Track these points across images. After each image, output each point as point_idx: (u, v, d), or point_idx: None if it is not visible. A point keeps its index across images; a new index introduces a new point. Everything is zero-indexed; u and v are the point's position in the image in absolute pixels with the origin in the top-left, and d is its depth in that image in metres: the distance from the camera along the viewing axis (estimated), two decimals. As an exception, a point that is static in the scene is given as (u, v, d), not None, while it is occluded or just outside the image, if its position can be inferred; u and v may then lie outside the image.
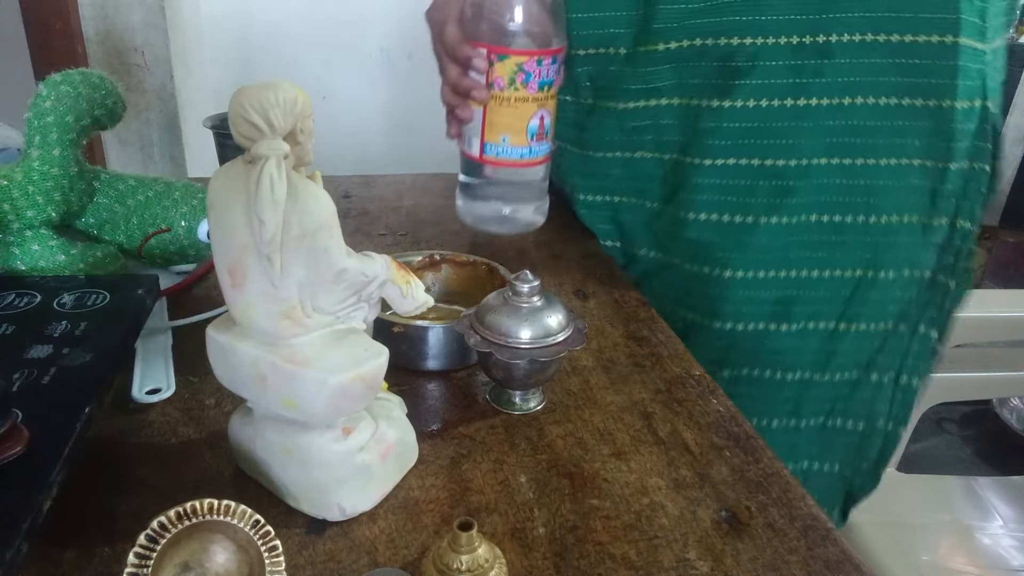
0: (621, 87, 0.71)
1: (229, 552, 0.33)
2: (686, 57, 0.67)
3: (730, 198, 0.67)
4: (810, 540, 0.42)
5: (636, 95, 0.71)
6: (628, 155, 0.74)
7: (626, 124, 0.72)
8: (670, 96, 0.69)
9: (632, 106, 0.71)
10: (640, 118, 0.71)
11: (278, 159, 0.34)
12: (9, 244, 0.57)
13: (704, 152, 0.67)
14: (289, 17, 1.92)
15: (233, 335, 0.39)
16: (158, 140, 1.75)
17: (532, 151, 0.68)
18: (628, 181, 0.75)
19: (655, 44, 0.68)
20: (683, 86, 0.68)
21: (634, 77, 0.70)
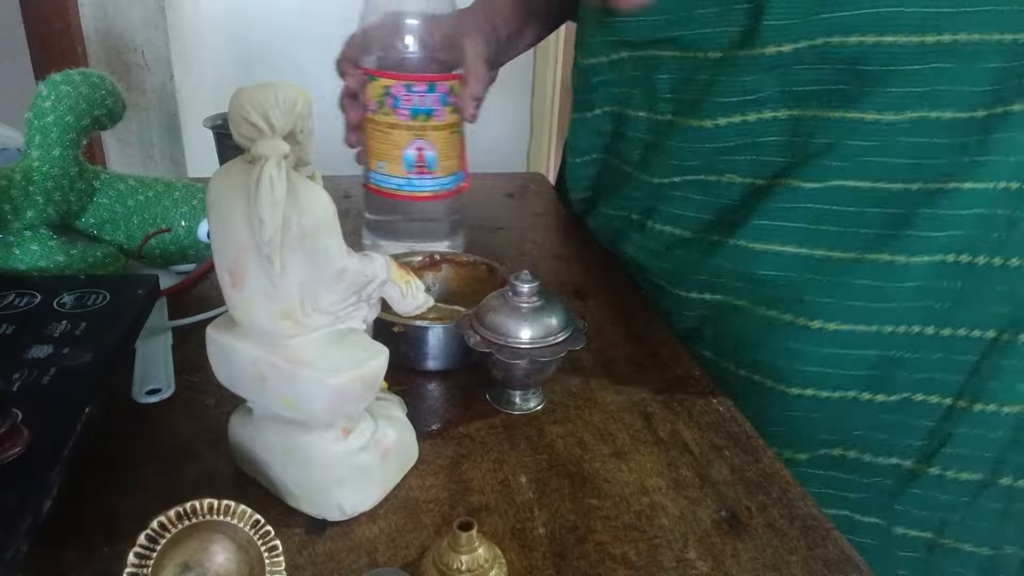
0: (711, 100, 0.58)
1: (229, 552, 0.33)
2: (799, 60, 0.53)
3: (830, 228, 0.54)
4: (810, 540, 0.42)
5: (730, 109, 0.57)
6: (711, 179, 0.60)
7: (712, 143, 0.59)
8: (775, 108, 0.55)
9: (724, 122, 0.58)
10: (732, 136, 0.58)
11: (278, 159, 0.34)
12: (9, 244, 0.57)
13: (814, 174, 0.54)
14: (289, 17, 1.92)
15: (233, 335, 0.39)
16: (158, 140, 1.75)
17: (412, 184, 0.63)
18: (699, 211, 0.62)
19: (762, 47, 0.54)
20: (792, 95, 0.55)
21: (729, 87, 0.57)
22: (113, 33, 1.64)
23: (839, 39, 0.51)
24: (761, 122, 0.56)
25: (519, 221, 0.88)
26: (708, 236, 0.61)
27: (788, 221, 0.55)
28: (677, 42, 0.60)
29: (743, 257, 0.58)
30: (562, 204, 0.93)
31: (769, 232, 0.56)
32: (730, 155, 0.58)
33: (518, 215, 0.90)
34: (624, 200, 0.71)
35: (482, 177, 1.04)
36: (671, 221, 0.64)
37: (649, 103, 0.64)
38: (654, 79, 0.63)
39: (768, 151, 0.57)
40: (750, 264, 0.57)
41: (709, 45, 0.57)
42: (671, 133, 0.62)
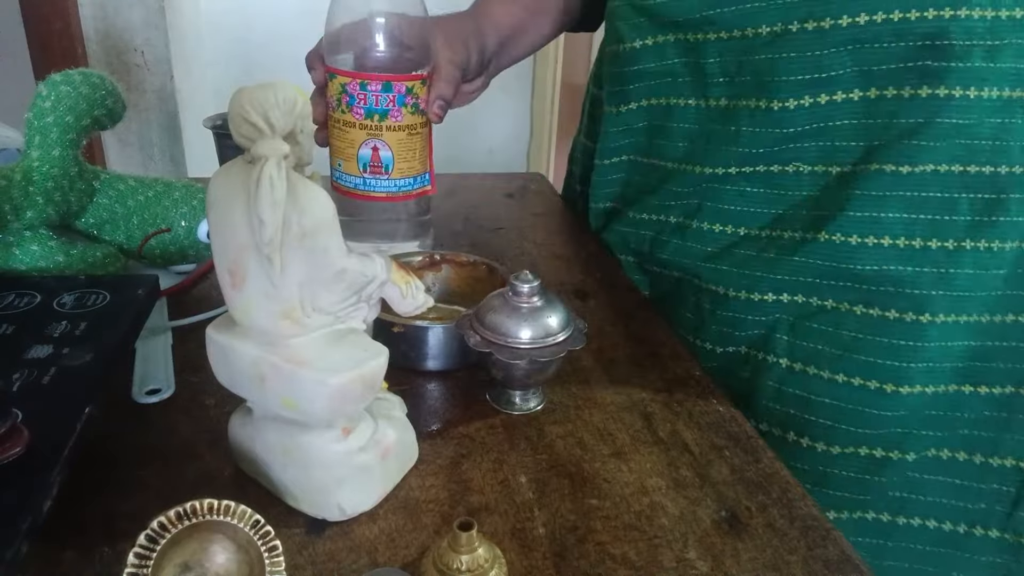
0: (777, 79, 0.54)
1: (229, 552, 0.33)
2: (876, 37, 0.50)
3: (924, 215, 0.52)
4: (810, 540, 0.42)
5: (799, 89, 0.53)
6: (775, 169, 0.56)
7: (779, 128, 0.55)
8: (848, 88, 0.52)
9: (793, 104, 0.54)
10: (801, 120, 0.54)
11: (278, 159, 0.34)
12: (9, 244, 0.57)
13: (901, 156, 0.51)
14: (289, 16, 1.92)
15: (233, 335, 0.39)
16: (158, 140, 1.75)
17: (367, 183, 0.61)
18: (762, 205, 0.58)
19: (831, 17, 0.51)
20: (868, 74, 0.51)
21: (798, 65, 0.53)
22: (113, 33, 1.64)
23: (917, 13, 0.49)
24: (832, 104, 0.53)
25: (519, 221, 0.88)
26: (782, 232, 0.57)
27: (884, 211, 0.52)
28: (718, 22, 0.57)
29: (837, 253, 0.54)
30: (569, 211, 0.93)
31: (866, 223, 0.53)
32: (798, 141, 0.55)
33: (518, 215, 0.90)
34: (661, 202, 0.66)
35: (482, 177, 1.04)
36: (726, 219, 0.60)
37: (699, 90, 0.60)
38: (702, 64, 0.59)
39: (841, 135, 0.54)
40: (845, 260, 0.54)
41: (758, 22, 0.54)
42: (728, 119, 0.58)
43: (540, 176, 1.07)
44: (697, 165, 0.61)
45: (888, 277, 0.53)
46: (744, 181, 0.58)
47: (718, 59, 0.58)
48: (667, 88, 0.64)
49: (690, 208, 0.63)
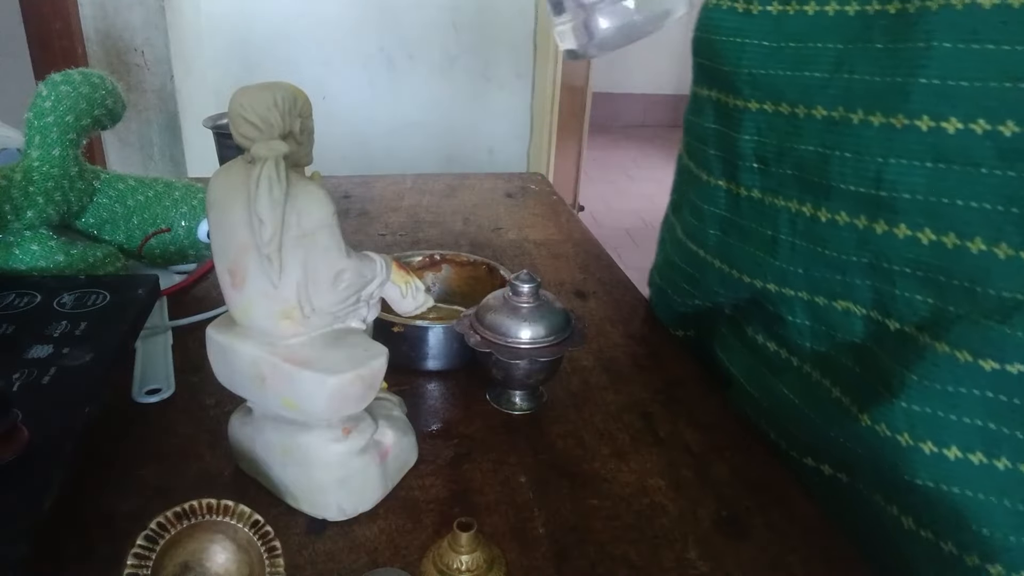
0: (823, 182, 0.41)
1: (229, 552, 0.33)
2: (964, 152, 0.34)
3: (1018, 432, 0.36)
4: (810, 540, 0.41)
5: (850, 202, 0.40)
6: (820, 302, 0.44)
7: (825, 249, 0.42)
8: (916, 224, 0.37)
9: (843, 220, 0.41)
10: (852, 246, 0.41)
11: (277, 159, 0.34)
12: (9, 244, 0.57)
13: (986, 343, 0.35)
14: (289, 17, 1.92)
15: (233, 335, 0.39)
16: (158, 140, 1.75)
17: None
18: (808, 339, 0.45)
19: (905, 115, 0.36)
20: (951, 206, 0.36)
21: (848, 168, 0.39)
22: (113, 33, 1.64)
23: (1015, 127, 0.32)
24: (891, 237, 0.38)
25: (519, 221, 0.88)
26: (830, 387, 0.44)
27: (955, 412, 0.37)
28: (762, 86, 0.43)
29: (883, 447, 0.40)
30: (568, 211, 0.93)
31: (924, 423, 0.38)
32: (847, 273, 0.41)
33: (518, 215, 0.90)
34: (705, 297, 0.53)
35: (482, 177, 1.04)
36: (779, 340, 0.47)
37: (729, 170, 0.48)
38: (735, 139, 0.46)
39: (903, 282, 0.38)
40: (891, 459, 0.39)
41: (814, 98, 0.40)
42: (762, 218, 0.46)
43: (540, 176, 1.07)
44: (734, 268, 0.49)
45: (951, 503, 0.37)
46: (784, 305, 0.46)
47: (755, 137, 0.45)
48: (700, 156, 0.51)
49: (737, 312, 0.52)
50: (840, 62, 0.39)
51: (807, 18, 0.41)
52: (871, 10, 0.38)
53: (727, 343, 0.55)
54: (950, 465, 0.37)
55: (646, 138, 4.29)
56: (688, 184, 0.54)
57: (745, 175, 0.47)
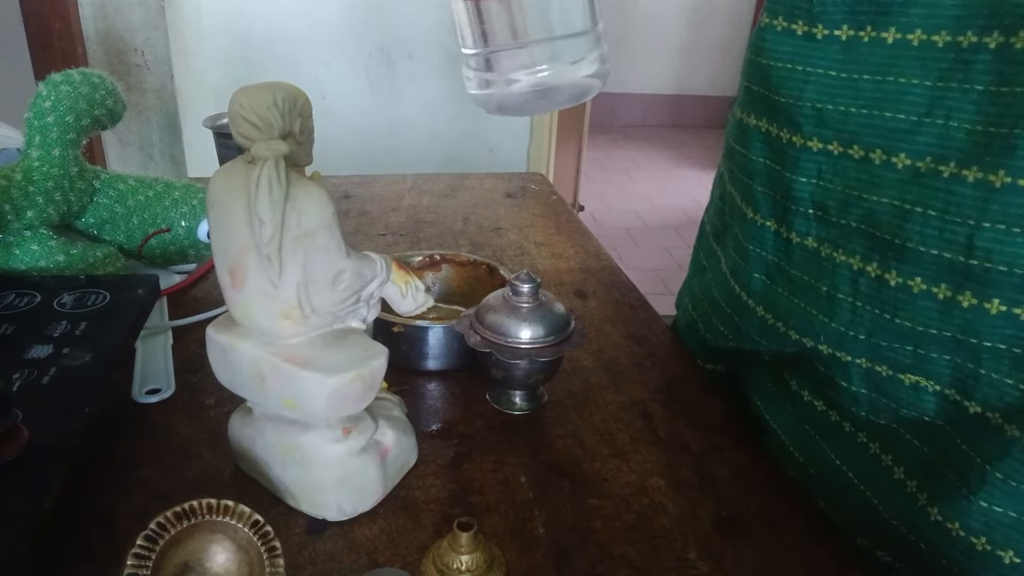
0: (900, 242, 0.36)
1: (229, 552, 0.33)
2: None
3: None
4: (810, 540, 0.41)
5: (932, 269, 0.35)
6: (883, 372, 0.38)
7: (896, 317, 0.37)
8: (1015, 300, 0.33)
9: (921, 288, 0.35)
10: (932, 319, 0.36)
11: (277, 159, 0.34)
12: (9, 244, 0.57)
13: None
14: (289, 17, 1.92)
15: (233, 335, 0.39)
16: (158, 140, 1.75)
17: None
18: (866, 409, 0.41)
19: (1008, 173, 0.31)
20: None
21: (932, 229, 0.34)
22: (113, 33, 1.64)
23: None
24: (981, 312, 0.33)
25: (519, 221, 0.88)
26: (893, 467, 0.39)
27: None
28: (830, 123, 0.38)
29: (951, 548, 0.35)
30: (568, 212, 0.93)
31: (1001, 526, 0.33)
32: (922, 345, 0.37)
33: (518, 215, 0.90)
34: (742, 342, 0.49)
35: (482, 177, 1.04)
36: (829, 401, 0.44)
37: (779, 212, 0.43)
38: (789, 180, 0.41)
39: (989, 361, 0.34)
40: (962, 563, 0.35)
41: (897, 145, 0.35)
42: (817, 271, 0.41)
43: (540, 176, 1.07)
44: (780, 320, 0.44)
45: None
46: (839, 369, 0.40)
47: (815, 180, 0.39)
48: (746, 190, 0.46)
49: (779, 361, 0.46)
50: (932, 104, 0.34)
51: (886, 47, 0.35)
52: (965, 42, 0.33)
53: (765, 391, 0.49)
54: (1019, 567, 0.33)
55: (646, 138, 4.29)
56: (733, 216, 0.48)
57: (799, 221, 0.41)
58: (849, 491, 0.42)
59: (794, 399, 0.46)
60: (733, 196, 0.48)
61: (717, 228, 0.54)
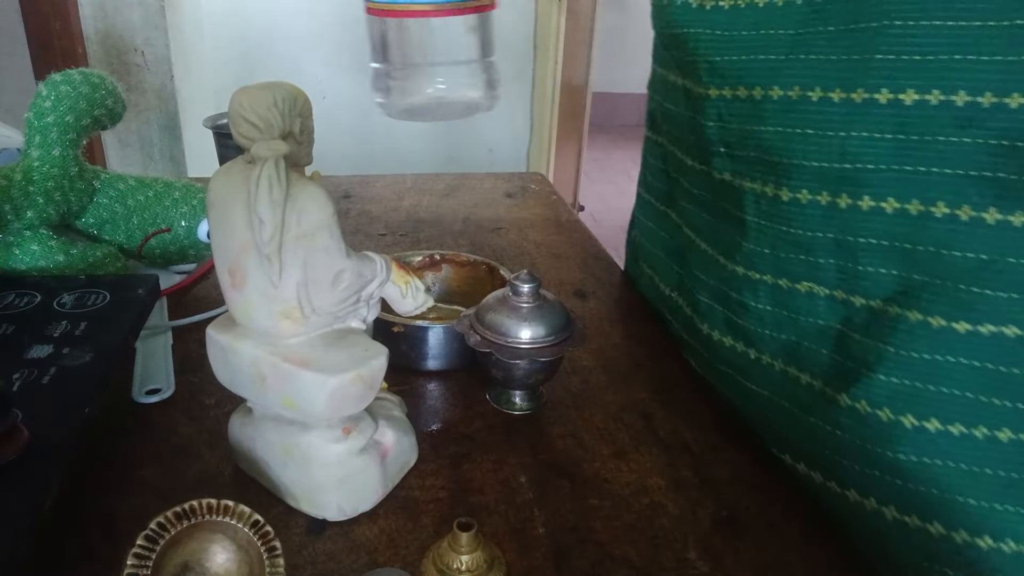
0: (784, 161, 0.41)
1: (229, 552, 0.33)
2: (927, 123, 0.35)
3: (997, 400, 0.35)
4: (810, 540, 0.41)
5: (812, 179, 0.40)
6: (783, 284, 0.43)
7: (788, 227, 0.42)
8: (880, 194, 0.37)
9: (805, 199, 0.40)
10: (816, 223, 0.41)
11: (277, 159, 0.34)
12: (9, 244, 0.57)
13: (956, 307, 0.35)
14: (289, 17, 1.92)
15: (233, 335, 0.39)
16: (158, 140, 1.75)
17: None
18: (771, 328, 0.45)
19: (865, 89, 0.36)
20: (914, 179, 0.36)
21: (811, 146, 0.39)
22: (113, 33, 1.64)
23: (993, 98, 0.33)
24: (856, 210, 0.38)
25: (519, 221, 0.88)
26: (797, 374, 0.44)
27: (934, 382, 0.36)
28: (721, 72, 0.44)
29: (862, 428, 0.39)
30: (568, 212, 0.93)
31: (903, 396, 0.37)
32: (811, 253, 0.41)
33: (518, 215, 0.90)
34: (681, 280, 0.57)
35: (482, 177, 1.04)
36: (737, 333, 0.48)
37: (702, 154, 0.48)
38: (702, 125, 0.47)
39: (868, 257, 0.38)
40: (871, 440, 0.38)
41: (770, 80, 0.41)
42: (735, 199, 0.46)
43: (540, 176, 1.07)
44: (715, 250, 0.49)
45: (934, 478, 0.36)
46: (749, 290, 0.45)
47: (717, 123, 0.46)
48: (683, 144, 0.53)
49: (696, 311, 0.52)
50: (795, 44, 0.40)
51: (758, 9, 0.42)
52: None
53: (688, 346, 0.57)
54: (931, 437, 0.36)
55: (646, 138, 4.29)
56: (678, 172, 0.55)
57: (716, 159, 0.47)
58: (768, 410, 0.47)
59: (707, 344, 0.52)
60: (674, 153, 0.56)
61: (660, 190, 0.61)
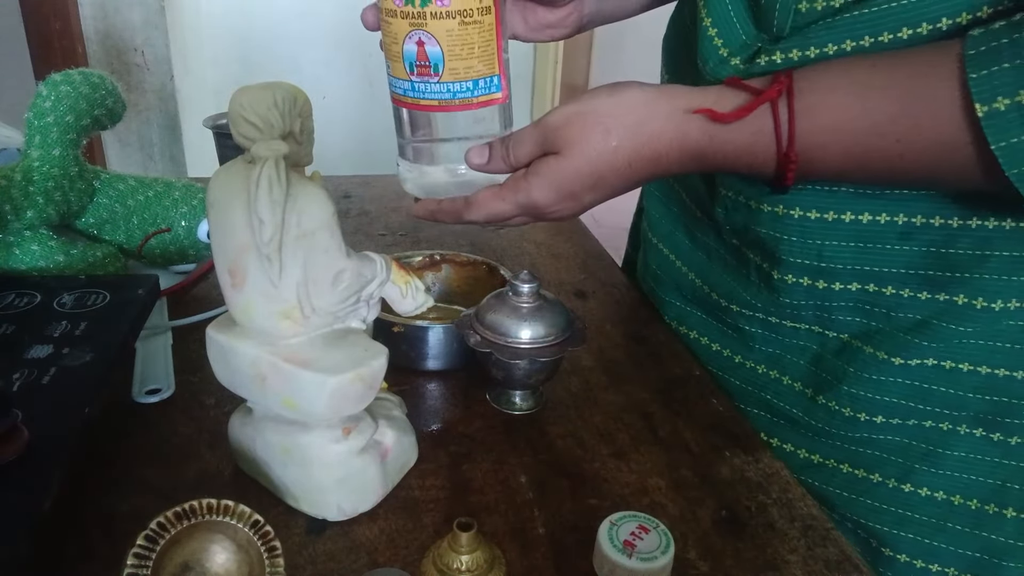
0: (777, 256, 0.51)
1: (229, 552, 0.33)
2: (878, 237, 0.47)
3: (924, 406, 0.49)
4: (810, 540, 0.42)
5: (797, 269, 0.50)
6: (773, 320, 0.54)
7: (780, 296, 0.52)
8: (847, 281, 0.49)
9: (791, 280, 0.51)
10: (801, 294, 0.51)
11: (277, 159, 0.34)
12: (9, 244, 0.57)
13: (897, 347, 0.48)
14: (289, 17, 1.92)
15: (233, 335, 0.39)
16: (158, 140, 1.75)
17: (416, 88, 0.49)
18: (762, 344, 0.55)
19: (835, 211, 0.48)
20: (871, 273, 0.48)
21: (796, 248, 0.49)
22: (113, 33, 1.64)
23: (923, 219, 0.45)
24: (830, 291, 0.49)
25: (519, 221, 0.88)
26: (780, 375, 0.55)
27: (882, 393, 0.49)
28: (725, 183, 0.53)
29: (831, 419, 0.51)
30: None
31: (860, 401, 0.50)
32: (797, 309, 0.52)
33: (518, 215, 0.90)
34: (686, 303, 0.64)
35: (482, 177, 1.04)
36: (735, 347, 0.58)
37: (713, 224, 0.57)
38: (711, 209, 0.56)
39: (839, 312, 0.50)
40: (839, 426, 0.51)
41: (761, 198, 0.49)
42: (740, 260, 0.55)
43: (540, 176, 1.07)
44: (714, 290, 0.58)
45: (878, 446, 0.51)
46: (744, 320, 0.56)
47: (725, 212, 0.54)
48: (694, 195, 0.60)
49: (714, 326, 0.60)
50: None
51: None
52: None
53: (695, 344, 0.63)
54: (877, 425, 0.50)
55: (646, 138, 4.29)
56: (684, 213, 0.63)
57: (725, 232, 0.56)
58: (758, 403, 0.56)
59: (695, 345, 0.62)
60: (683, 199, 0.63)
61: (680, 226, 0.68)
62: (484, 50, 0.49)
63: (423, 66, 0.48)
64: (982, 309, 0.45)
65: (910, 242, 0.46)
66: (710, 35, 0.48)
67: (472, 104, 0.50)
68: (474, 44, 0.48)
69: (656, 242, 0.66)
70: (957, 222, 0.44)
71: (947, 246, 0.45)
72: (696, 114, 0.43)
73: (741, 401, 0.57)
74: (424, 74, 0.49)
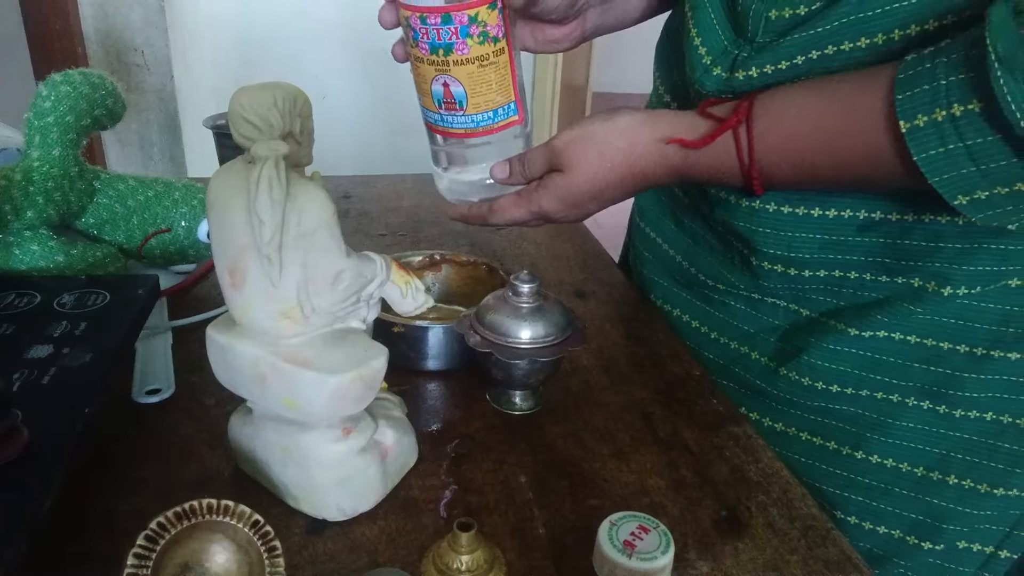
0: (753, 246, 0.55)
1: (229, 552, 0.33)
2: (840, 229, 0.52)
3: (875, 376, 0.54)
4: (810, 540, 0.42)
5: (772, 259, 0.55)
6: (755, 296, 0.59)
7: (758, 279, 0.57)
8: (815, 268, 0.54)
9: (767, 267, 0.55)
10: (776, 279, 0.56)
11: (277, 159, 0.34)
12: (9, 244, 0.57)
13: (855, 320, 0.53)
14: (289, 17, 1.92)
15: (233, 335, 0.39)
16: (158, 140, 1.75)
17: (444, 119, 0.57)
18: (742, 320, 0.60)
19: (804, 207, 0.52)
20: (836, 261, 0.53)
21: (770, 240, 0.54)
22: (113, 33, 1.64)
23: (881, 215, 0.50)
24: (801, 277, 0.54)
25: (519, 221, 0.88)
26: (749, 352, 0.59)
27: (838, 363, 0.54)
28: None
29: (793, 389, 0.56)
30: None
31: (818, 371, 0.54)
32: (774, 294, 0.57)
33: (518, 215, 0.90)
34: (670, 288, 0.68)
35: (482, 177, 1.04)
36: (722, 328, 0.62)
37: (700, 212, 0.62)
38: (699, 204, 0.61)
39: (810, 293, 0.55)
40: (800, 395, 0.56)
41: (739, 194, 0.54)
42: (725, 245, 0.60)
43: (540, 176, 1.07)
44: (700, 271, 0.62)
45: (836, 416, 0.55)
46: (730, 296, 0.60)
47: (709, 206, 0.59)
48: (684, 187, 0.63)
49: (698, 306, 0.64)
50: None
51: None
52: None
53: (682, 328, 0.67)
54: (833, 394, 0.54)
55: (646, 138, 4.29)
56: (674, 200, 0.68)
57: (711, 219, 0.59)
58: (729, 376, 0.61)
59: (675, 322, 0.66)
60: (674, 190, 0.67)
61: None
62: (500, 84, 0.56)
63: (449, 102, 0.55)
64: (933, 292, 0.50)
65: (870, 234, 0.51)
66: (695, 44, 0.53)
67: (494, 129, 0.57)
68: (491, 81, 0.55)
69: (644, 227, 0.71)
70: (912, 217, 0.49)
71: (903, 238, 0.50)
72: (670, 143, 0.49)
73: (715, 375, 0.61)
74: (451, 109, 0.56)
